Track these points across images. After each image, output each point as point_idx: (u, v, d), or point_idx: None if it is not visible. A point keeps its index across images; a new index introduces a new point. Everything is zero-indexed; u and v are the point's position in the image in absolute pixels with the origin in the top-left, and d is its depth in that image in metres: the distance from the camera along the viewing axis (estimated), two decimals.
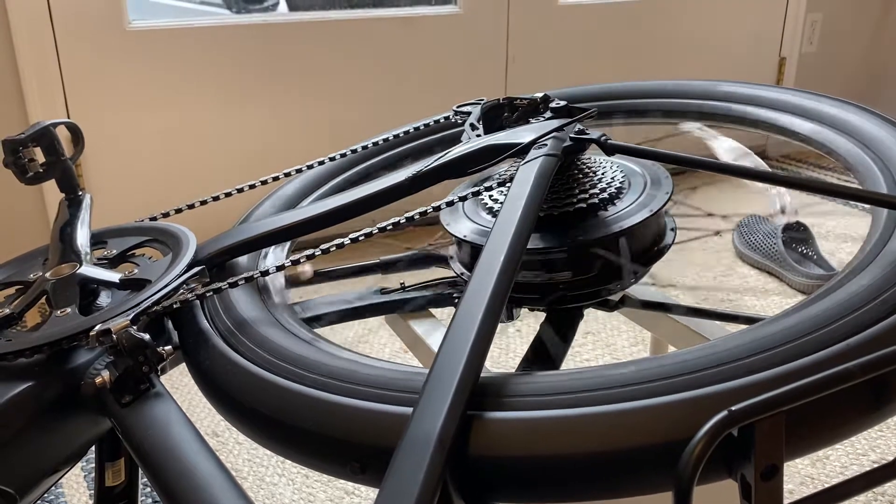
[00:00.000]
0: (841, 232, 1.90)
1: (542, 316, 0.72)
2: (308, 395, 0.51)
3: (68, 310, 0.64)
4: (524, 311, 0.76)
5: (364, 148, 0.93)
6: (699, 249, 1.82)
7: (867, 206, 0.61)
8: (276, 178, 0.86)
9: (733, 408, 0.38)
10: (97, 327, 0.57)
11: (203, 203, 0.82)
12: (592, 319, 1.50)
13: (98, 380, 0.57)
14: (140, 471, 0.73)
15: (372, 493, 1.06)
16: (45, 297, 0.67)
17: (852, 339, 0.45)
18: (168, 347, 0.59)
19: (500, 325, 0.54)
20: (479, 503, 0.46)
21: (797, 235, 1.77)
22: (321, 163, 0.90)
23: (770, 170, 0.65)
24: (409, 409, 0.47)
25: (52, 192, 1.63)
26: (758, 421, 0.39)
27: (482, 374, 0.49)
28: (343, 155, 0.92)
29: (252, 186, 0.84)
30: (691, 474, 0.37)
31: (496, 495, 0.46)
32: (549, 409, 0.45)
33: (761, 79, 2.52)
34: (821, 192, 0.58)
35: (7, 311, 0.65)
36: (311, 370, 0.53)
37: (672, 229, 0.74)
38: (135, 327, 0.58)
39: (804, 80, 2.55)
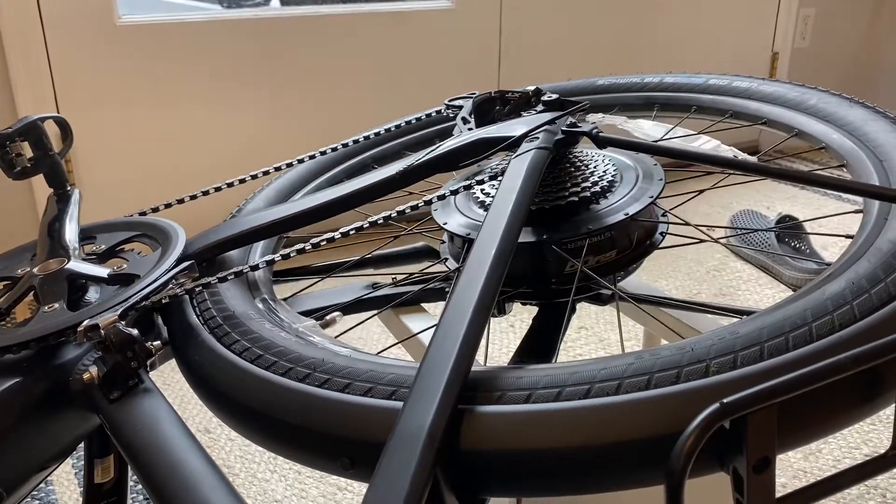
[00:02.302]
0: (834, 226, 1.90)
1: (534, 310, 0.72)
2: (297, 390, 0.51)
3: (56, 305, 0.63)
4: (517, 305, 0.76)
5: (355, 142, 0.93)
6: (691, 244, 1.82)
7: (859, 198, 0.61)
8: (266, 173, 0.86)
9: (725, 400, 0.38)
10: (85, 323, 0.57)
11: (193, 198, 0.81)
12: (585, 314, 1.50)
13: (86, 376, 0.57)
14: (129, 467, 0.72)
15: (364, 488, 1.06)
16: (32, 292, 0.66)
17: (844, 331, 0.45)
18: (157, 343, 0.58)
19: (494, 320, 0.54)
20: (470, 498, 0.46)
21: (790, 229, 1.77)
22: (312, 157, 0.90)
23: (762, 162, 0.64)
24: (400, 404, 0.47)
25: (41, 187, 1.62)
26: (750, 413, 0.39)
27: (473, 368, 0.49)
28: (334, 149, 0.91)
29: (242, 181, 0.83)
30: (683, 467, 0.37)
31: (488, 490, 0.46)
32: (540, 402, 0.45)
33: (754, 74, 2.51)
34: (812, 184, 0.58)
35: None
36: (300, 365, 0.53)
37: (664, 224, 0.74)
38: (123, 323, 0.57)
39: (797, 75, 2.56)
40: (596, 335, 1.45)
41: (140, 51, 1.66)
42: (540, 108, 0.78)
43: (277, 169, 0.87)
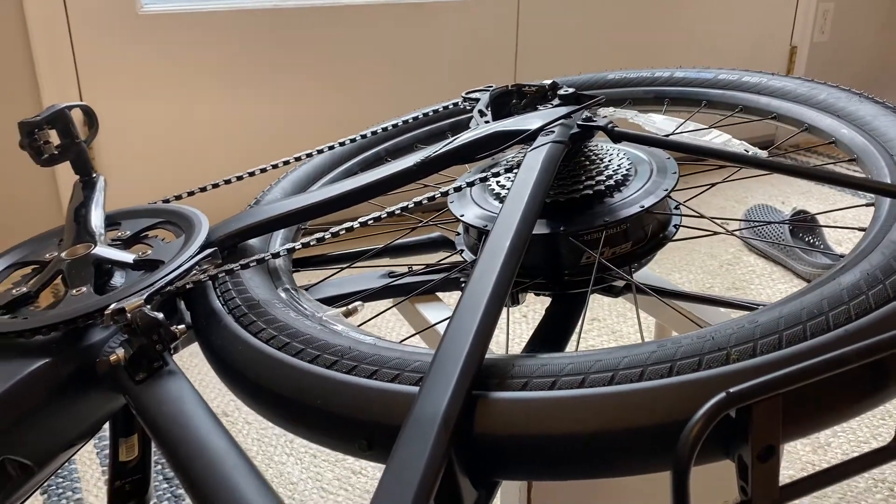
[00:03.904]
0: (849, 220, 1.90)
1: (547, 301, 0.73)
2: (317, 374, 0.53)
3: (83, 289, 0.65)
4: (530, 298, 0.77)
5: (373, 133, 0.94)
6: (705, 238, 1.82)
7: (871, 195, 0.62)
8: (286, 163, 0.87)
9: (731, 389, 0.39)
10: (112, 306, 0.59)
11: (215, 186, 0.83)
12: (598, 306, 1.51)
13: (113, 357, 0.59)
14: (152, 446, 0.74)
15: (379, 472, 1.08)
16: (60, 276, 0.69)
17: (850, 324, 0.45)
18: (181, 326, 0.60)
19: (506, 310, 0.55)
20: (483, 480, 0.48)
21: (804, 224, 1.77)
22: (331, 147, 0.91)
23: (773, 157, 0.65)
24: (416, 389, 0.48)
25: (64, 175, 1.65)
26: (755, 403, 0.40)
27: (487, 356, 0.50)
28: (353, 140, 0.93)
29: (263, 170, 0.85)
30: (689, 454, 0.38)
31: (500, 473, 0.48)
32: (552, 389, 0.47)
33: (772, 68, 2.51)
34: (825, 181, 0.59)
35: (24, 289, 0.67)
36: (321, 349, 0.55)
37: (678, 217, 0.75)
38: (149, 307, 0.59)
39: (815, 69, 2.54)
40: (608, 327, 1.46)
41: (161, 40, 1.68)
42: (556, 101, 0.79)
43: (297, 159, 0.88)
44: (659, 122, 0.86)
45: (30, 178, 1.64)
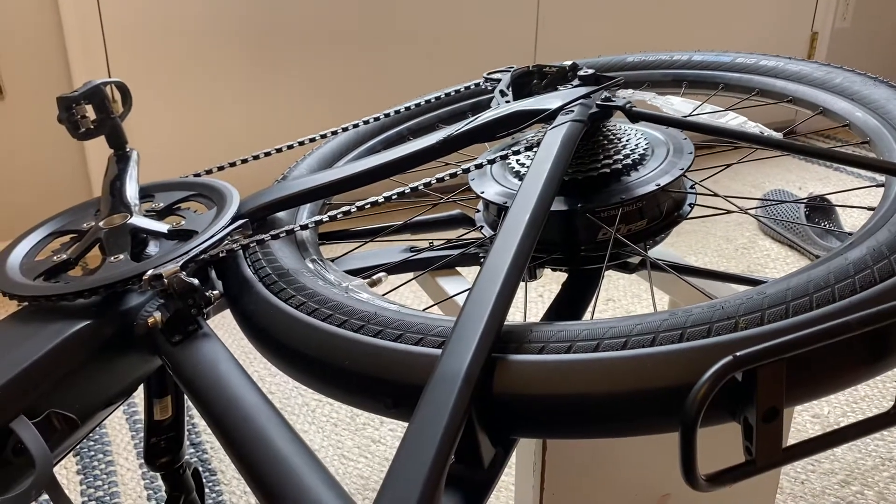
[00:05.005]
0: (862, 203, 1.91)
1: (562, 279, 0.75)
2: (346, 337, 0.55)
3: (121, 256, 0.68)
4: (547, 273, 0.79)
5: (396, 112, 0.97)
6: (721, 221, 1.83)
7: (883, 176, 0.64)
8: (312, 140, 0.90)
9: (738, 353, 0.41)
10: (150, 272, 0.62)
11: (244, 161, 0.86)
12: (613, 287, 1.53)
13: (150, 320, 0.62)
14: (185, 406, 0.78)
15: (396, 441, 1.11)
16: (98, 244, 0.72)
17: (854, 296, 0.47)
18: (216, 292, 0.63)
19: (523, 290, 0.57)
20: (501, 438, 0.50)
21: (820, 209, 1.78)
22: (355, 126, 0.94)
23: (786, 139, 0.67)
24: (438, 351, 0.51)
25: (93, 151, 1.69)
26: (761, 366, 0.42)
27: (506, 325, 0.52)
28: (376, 119, 0.95)
29: (290, 147, 0.88)
30: (696, 413, 0.40)
31: (517, 431, 0.50)
32: (567, 353, 0.49)
33: (793, 54, 2.49)
34: (836, 160, 0.61)
35: (64, 256, 0.70)
36: (348, 315, 0.57)
37: (693, 196, 0.76)
38: (184, 273, 0.62)
39: (836, 55, 2.53)
40: (623, 308, 1.48)
41: (187, 20, 1.70)
42: (576, 82, 0.81)
43: (322, 137, 0.91)
44: (677, 105, 0.88)
45: (59, 154, 1.68)
